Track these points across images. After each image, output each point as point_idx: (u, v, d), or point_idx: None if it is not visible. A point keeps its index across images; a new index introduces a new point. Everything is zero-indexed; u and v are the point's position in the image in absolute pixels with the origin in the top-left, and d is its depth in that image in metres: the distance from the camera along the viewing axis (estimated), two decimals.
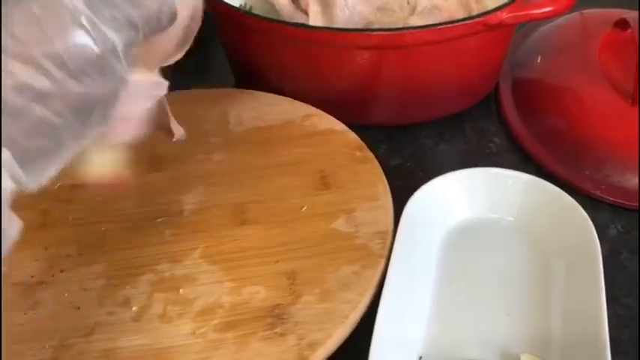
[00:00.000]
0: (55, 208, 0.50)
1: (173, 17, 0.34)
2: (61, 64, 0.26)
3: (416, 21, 0.61)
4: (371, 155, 0.54)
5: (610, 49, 0.62)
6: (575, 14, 0.69)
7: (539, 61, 0.67)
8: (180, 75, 0.73)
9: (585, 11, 0.69)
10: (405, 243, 0.46)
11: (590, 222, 0.47)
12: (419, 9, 0.63)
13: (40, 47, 0.26)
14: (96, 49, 0.28)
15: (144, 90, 0.37)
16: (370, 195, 0.50)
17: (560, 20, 0.69)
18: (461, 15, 0.62)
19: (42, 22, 0.26)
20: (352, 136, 0.55)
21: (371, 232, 0.47)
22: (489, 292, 0.46)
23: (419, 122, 0.63)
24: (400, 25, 0.60)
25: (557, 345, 0.42)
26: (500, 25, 0.55)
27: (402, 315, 0.43)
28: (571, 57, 0.64)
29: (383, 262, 0.45)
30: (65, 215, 0.50)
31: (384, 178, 0.51)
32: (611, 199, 0.54)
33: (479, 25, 0.54)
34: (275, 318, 0.41)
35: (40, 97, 0.26)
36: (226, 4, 0.59)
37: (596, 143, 0.56)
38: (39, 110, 0.26)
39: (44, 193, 0.50)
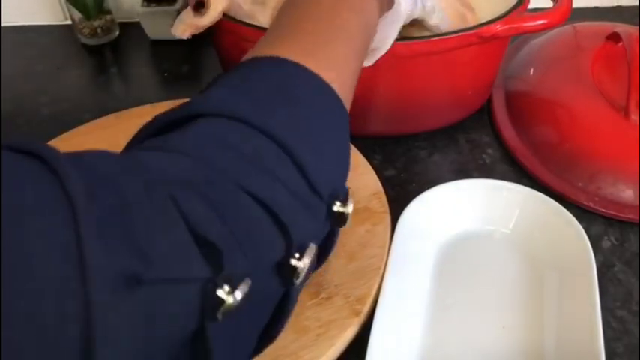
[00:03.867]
0: None
1: None
2: None
3: (411, 32, 0.61)
4: None
5: (602, 62, 0.63)
6: (568, 27, 0.69)
7: (532, 73, 0.67)
8: (175, 83, 0.74)
9: (578, 24, 0.70)
10: (400, 255, 0.46)
11: (584, 234, 0.47)
12: None
13: None
14: None
15: None
16: (350, 165, 0.52)
17: (553, 33, 0.69)
18: (456, 27, 0.62)
19: None
20: None
21: (366, 195, 0.51)
22: (484, 304, 0.46)
23: (413, 133, 0.63)
24: None
25: (551, 357, 0.42)
26: (494, 38, 0.55)
27: (397, 327, 0.43)
28: (564, 69, 0.64)
29: (387, 217, 0.49)
30: None
31: (354, 148, 0.55)
32: (605, 210, 0.54)
33: (472, 37, 0.54)
34: (315, 286, 0.45)
35: None
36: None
37: (589, 155, 0.57)
38: None
39: None
